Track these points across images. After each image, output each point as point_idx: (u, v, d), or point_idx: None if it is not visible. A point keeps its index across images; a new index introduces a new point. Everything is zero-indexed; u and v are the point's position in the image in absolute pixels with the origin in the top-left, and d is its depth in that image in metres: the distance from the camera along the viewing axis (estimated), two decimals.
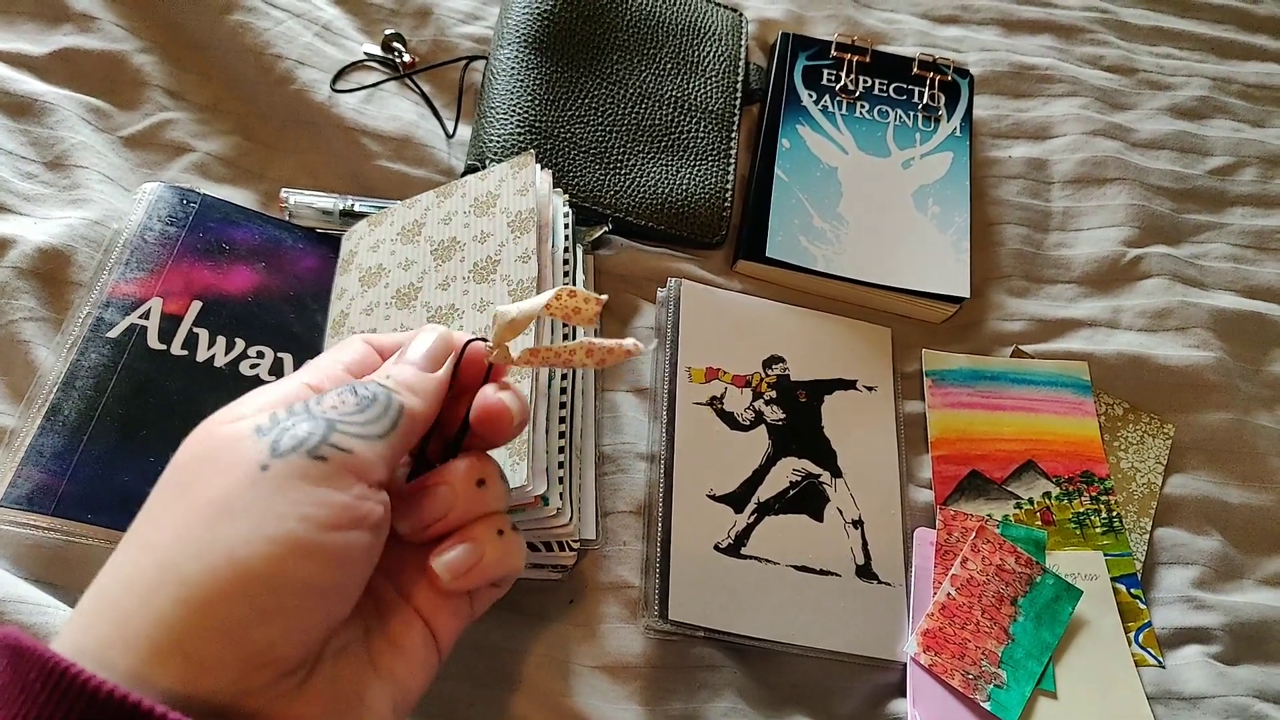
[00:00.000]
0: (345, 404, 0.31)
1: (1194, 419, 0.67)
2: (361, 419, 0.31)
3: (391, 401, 0.32)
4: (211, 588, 0.26)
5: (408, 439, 0.33)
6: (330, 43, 0.68)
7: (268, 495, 0.28)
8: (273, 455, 0.29)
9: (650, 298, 0.64)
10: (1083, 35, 0.86)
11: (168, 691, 0.26)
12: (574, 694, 0.50)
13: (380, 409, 0.32)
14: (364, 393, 0.32)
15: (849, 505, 0.59)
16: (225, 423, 0.31)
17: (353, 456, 0.30)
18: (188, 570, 0.27)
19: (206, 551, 0.27)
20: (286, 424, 0.30)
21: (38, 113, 0.59)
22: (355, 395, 0.32)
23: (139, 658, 0.26)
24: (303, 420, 0.30)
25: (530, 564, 0.52)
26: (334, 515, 0.29)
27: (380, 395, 0.32)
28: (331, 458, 0.29)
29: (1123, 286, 0.72)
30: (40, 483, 0.46)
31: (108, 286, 0.53)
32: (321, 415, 0.30)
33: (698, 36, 0.73)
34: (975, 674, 0.54)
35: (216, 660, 0.26)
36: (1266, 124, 0.85)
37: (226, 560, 0.27)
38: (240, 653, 0.27)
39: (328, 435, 0.30)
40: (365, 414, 0.31)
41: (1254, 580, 0.63)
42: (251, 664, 0.27)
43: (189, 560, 0.27)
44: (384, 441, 0.31)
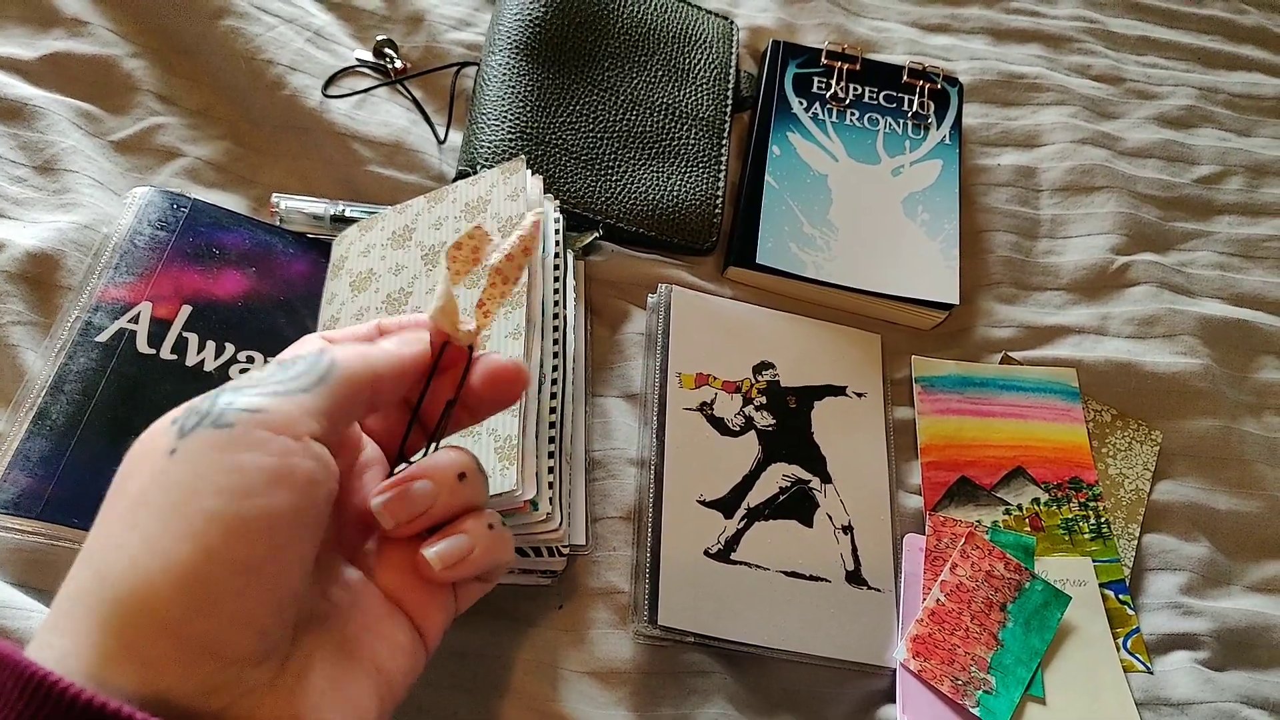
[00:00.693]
0: (264, 371, 0.30)
1: (1181, 426, 0.67)
2: (278, 378, 0.30)
3: (320, 359, 0.31)
4: (142, 585, 0.26)
5: (346, 394, 0.31)
6: (322, 48, 0.68)
7: (178, 478, 0.27)
8: (179, 437, 0.28)
9: (641, 304, 0.64)
10: (1071, 45, 0.87)
11: (132, 694, 0.26)
12: (563, 700, 0.50)
13: (304, 366, 0.31)
14: (286, 357, 0.31)
15: (839, 511, 0.59)
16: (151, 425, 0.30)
17: (264, 414, 0.28)
18: (117, 571, 0.26)
19: (129, 549, 0.26)
20: (197, 404, 0.29)
21: (28, 117, 0.59)
22: (277, 362, 0.31)
23: (93, 663, 0.26)
24: (208, 397, 0.29)
25: (519, 569, 0.52)
26: (249, 480, 0.27)
27: (309, 354, 0.31)
28: (238, 420, 0.28)
29: (1111, 294, 0.72)
30: (27, 487, 0.46)
31: (97, 291, 0.53)
32: (232, 386, 0.29)
33: (689, 44, 0.74)
34: (964, 680, 0.54)
35: (167, 659, 0.26)
36: (1252, 133, 0.85)
37: (148, 553, 0.26)
38: (188, 648, 0.26)
39: (234, 400, 0.28)
40: (284, 373, 0.30)
41: (1241, 586, 0.63)
42: (203, 658, 0.26)
43: (116, 562, 0.26)
44: (308, 394, 0.30)
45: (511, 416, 0.47)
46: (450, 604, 0.37)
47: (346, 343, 0.34)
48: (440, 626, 0.36)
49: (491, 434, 0.46)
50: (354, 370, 0.32)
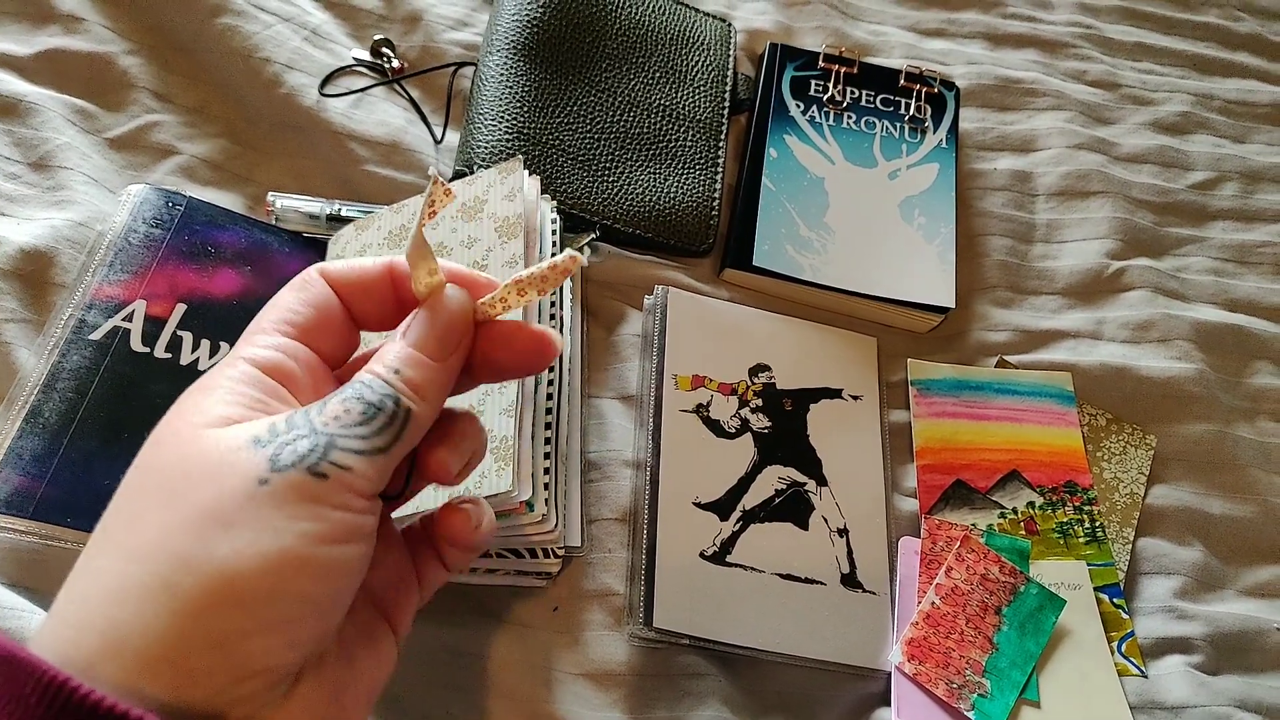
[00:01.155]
0: (349, 414, 0.30)
1: (1176, 430, 0.67)
2: (365, 431, 0.30)
3: (399, 411, 0.31)
4: (205, 601, 0.26)
5: (411, 444, 0.32)
6: (319, 47, 0.68)
7: (265, 509, 0.27)
8: (272, 469, 0.28)
9: (637, 305, 0.64)
10: (1067, 50, 0.87)
11: (156, 702, 0.25)
12: (557, 701, 0.50)
13: (385, 419, 0.31)
14: (370, 399, 0.31)
15: (834, 514, 0.59)
16: (207, 425, 0.29)
17: (351, 474, 0.29)
18: (180, 583, 0.26)
19: (200, 564, 0.26)
20: (287, 438, 0.29)
21: (22, 113, 0.59)
22: (360, 403, 0.30)
23: (127, 670, 0.25)
24: (303, 434, 0.29)
25: (515, 570, 0.51)
26: (331, 530, 0.28)
27: (388, 404, 0.31)
28: (331, 475, 0.29)
29: (1106, 298, 0.72)
30: (19, 485, 0.46)
31: (91, 288, 0.52)
32: (323, 429, 0.29)
33: (686, 46, 0.74)
34: (959, 683, 0.54)
35: (207, 672, 0.26)
36: (1247, 140, 0.86)
37: (220, 574, 0.26)
38: (232, 664, 0.26)
39: (328, 452, 0.29)
40: (369, 426, 0.30)
41: (1235, 591, 0.63)
42: (242, 675, 0.27)
43: (181, 572, 0.26)
44: (385, 455, 0.30)
45: (507, 417, 0.46)
46: (416, 596, 0.37)
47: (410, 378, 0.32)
48: (409, 622, 0.36)
49: (487, 434, 0.46)
50: (422, 421, 0.32)
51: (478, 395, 0.48)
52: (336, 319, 0.34)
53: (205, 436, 0.29)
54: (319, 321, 0.34)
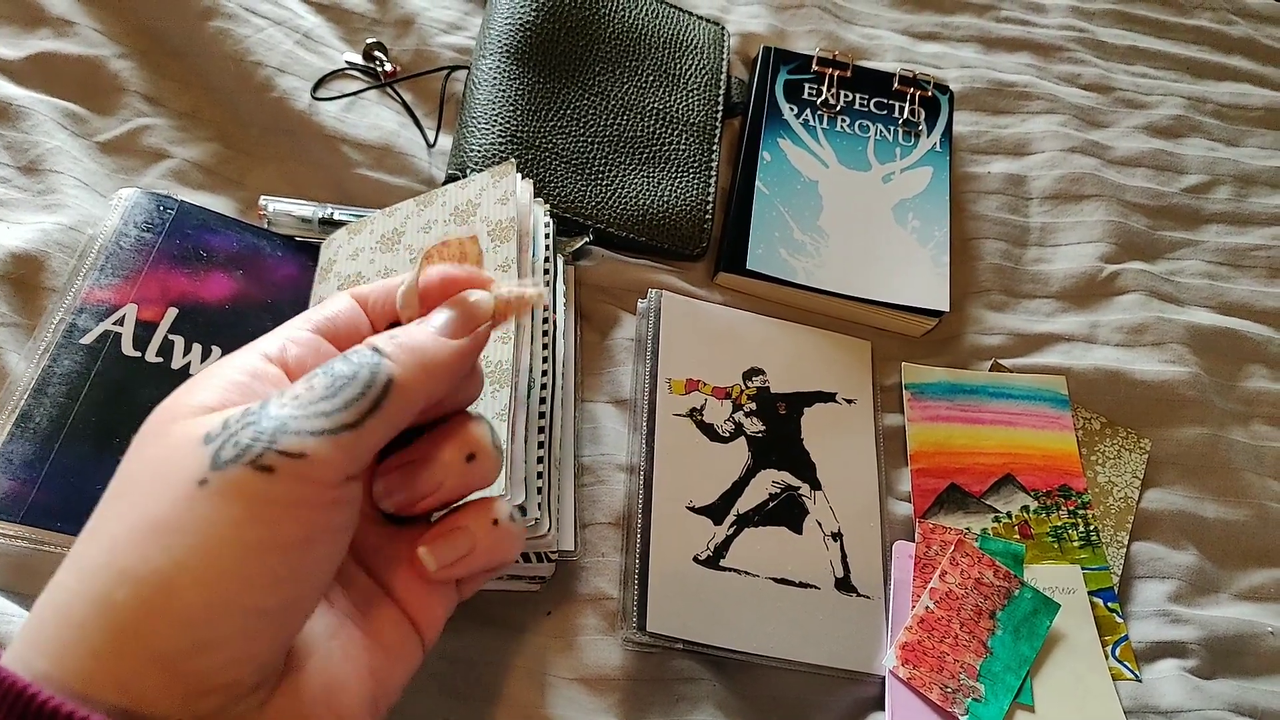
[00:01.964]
0: (311, 390, 0.27)
1: (1170, 434, 0.67)
2: (328, 407, 0.27)
3: (376, 375, 0.28)
4: (142, 617, 0.24)
5: (397, 419, 0.28)
6: (311, 51, 0.67)
7: (204, 513, 0.25)
8: (212, 468, 0.25)
9: (631, 309, 0.64)
10: (1060, 54, 0.87)
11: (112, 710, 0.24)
12: (551, 706, 0.49)
13: (357, 390, 0.27)
14: (341, 370, 0.27)
15: (828, 518, 0.59)
16: (182, 416, 0.27)
17: (306, 461, 0.26)
18: (117, 597, 0.24)
19: (136, 576, 0.24)
20: (235, 428, 0.26)
21: (13, 117, 0.58)
22: (329, 376, 0.27)
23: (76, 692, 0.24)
24: (251, 423, 0.26)
25: (508, 575, 0.51)
26: (280, 534, 0.25)
27: (363, 370, 0.27)
28: (279, 467, 0.25)
29: (1100, 302, 0.73)
30: (10, 490, 0.46)
31: (82, 292, 0.52)
32: (275, 414, 0.26)
33: (680, 49, 0.74)
34: (953, 687, 0.53)
35: (157, 692, 0.24)
36: (1240, 143, 0.86)
37: (157, 585, 0.24)
38: (182, 684, 0.24)
39: (275, 439, 0.26)
40: (334, 400, 0.27)
41: (1230, 594, 0.63)
42: (195, 693, 0.25)
43: (118, 586, 0.24)
44: (355, 431, 0.27)
45: (500, 421, 0.46)
46: (452, 595, 0.34)
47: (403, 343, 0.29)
48: (440, 619, 0.34)
49: None
50: (411, 389, 0.28)
51: None
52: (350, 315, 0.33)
53: (169, 432, 0.27)
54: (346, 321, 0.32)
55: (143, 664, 0.24)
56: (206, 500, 0.25)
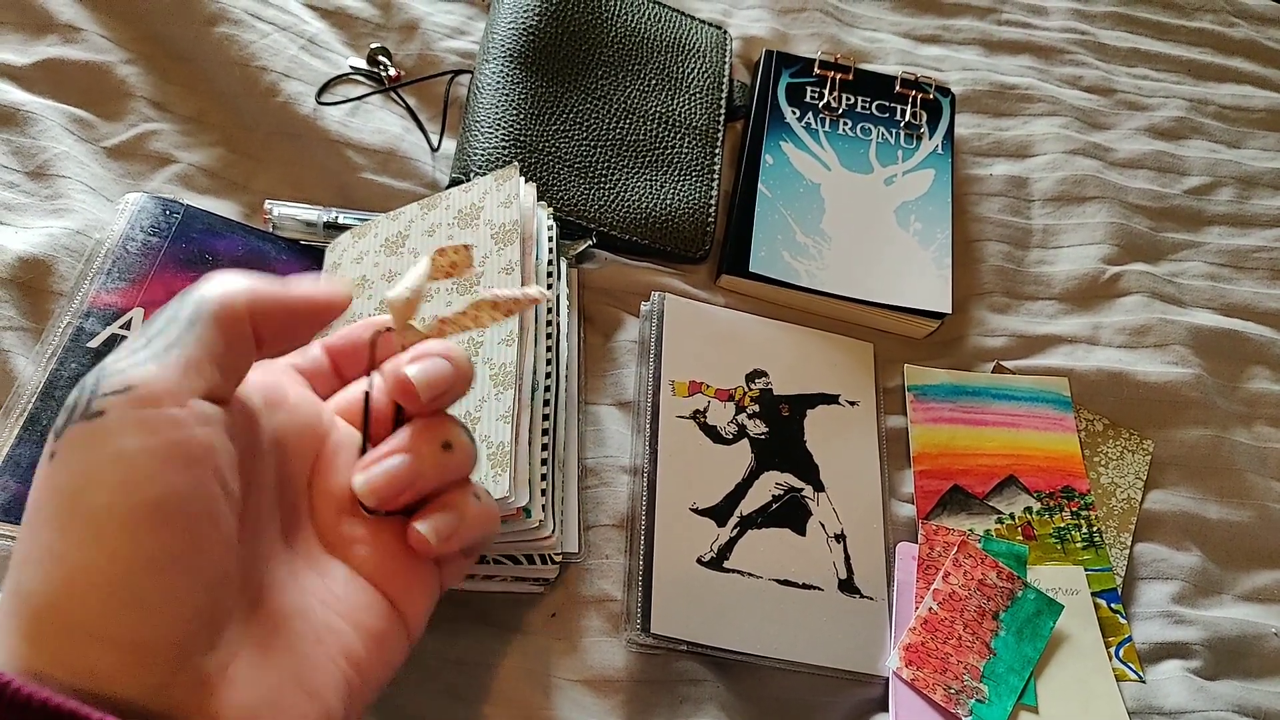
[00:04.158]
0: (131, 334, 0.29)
1: (1173, 435, 0.68)
2: (140, 342, 0.27)
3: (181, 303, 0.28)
4: (57, 596, 0.24)
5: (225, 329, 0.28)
6: (316, 56, 0.68)
7: (60, 481, 0.25)
8: (54, 439, 0.26)
9: (634, 311, 0.64)
10: (1062, 56, 0.87)
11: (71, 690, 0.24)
12: (555, 708, 0.50)
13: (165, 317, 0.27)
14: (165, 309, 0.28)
15: (831, 519, 0.59)
16: None
17: (134, 390, 0.25)
18: (29, 586, 0.25)
19: (36, 561, 0.25)
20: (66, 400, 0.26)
21: (20, 122, 0.59)
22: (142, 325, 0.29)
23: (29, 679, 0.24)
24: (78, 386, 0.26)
25: (512, 577, 0.51)
26: (136, 468, 0.25)
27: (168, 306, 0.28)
28: (108, 406, 0.25)
29: (1102, 303, 0.73)
30: (17, 493, 0.46)
31: (89, 296, 0.52)
32: (97, 367, 0.26)
33: (682, 53, 0.74)
34: (957, 689, 0.54)
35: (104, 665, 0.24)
36: (1242, 145, 0.86)
37: (53, 562, 0.24)
38: (122, 651, 0.24)
39: (96, 385, 0.26)
40: (145, 334, 0.27)
41: (1233, 596, 0.63)
42: (141, 657, 0.25)
43: (30, 576, 0.25)
44: (178, 349, 0.27)
45: (504, 423, 0.46)
46: (435, 583, 0.35)
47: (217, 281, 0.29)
48: (425, 608, 0.34)
49: (484, 440, 0.46)
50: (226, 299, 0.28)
51: (474, 401, 0.48)
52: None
53: None
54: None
55: (81, 642, 0.24)
56: (56, 470, 0.25)
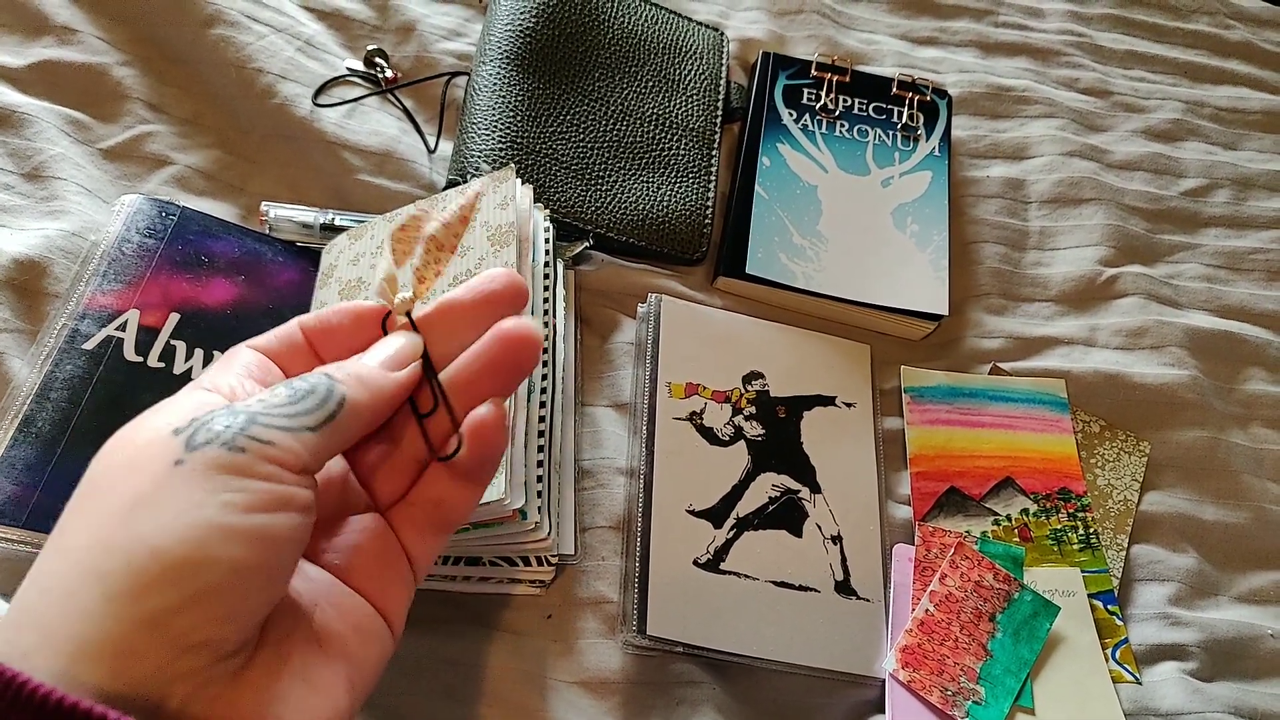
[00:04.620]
0: (275, 396, 0.31)
1: (1169, 436, 0.68)
2: (290, 410, 0.30)
3: (332, 393, 0.32)
4: (132, 581, 0.26)
5: (348, 433, 0.32)
6: (312, 58, 0.68)
7: (182, 486, 0.28)
8: (187, 450, 0.28)
9: (631, 313, 0.64)
10: (1058, 58, 0.87)
11: (93, 688, 0.25)
12: (552, 709, 0.49)
13: (317, 401, 0.31)
14: (300, 385, 0.31)
15: (828, 521, 0.59)
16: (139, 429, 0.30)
17: (273, 447, 0.29)
18: (106, 567, 0.26)
19: (124, 546, 0.27)
20: (203, 421, 0.29)
21: (16, 124, 0.59)
22: (290, 389, 0.31)
23: (65, 659, 0.26)
24: (221, 415, 0.29)
25: (508, 579, 0.51)
26: (254, 499, 0.28)
27: (320, 387, 0.31)
28: (249, 448, 0.29)
29: (1099, 305, 0.73)
30: (12, 494, 0.46)
31: (84, 298, 0.52)
32: (243, 409, 0.30)
33: (679, 55, 0.74)
34: (954, 690, 0.54)
35: (143, 651, 0.26)
36: (1238, 147, 0.86)
37: (145, 550, 0.26)
38: (167, 641, 0.26)
39: (246, 427, 0.29)
40: (296, 406, 0.31)
41: (1229, 597, 0.63)
42: (178, 650, 0.27)
43: (106, 557, 0.27)
44: (314, 434, 0.30)
45: None
46: (410, 581, 0.37)
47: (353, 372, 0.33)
48: (403, 604, 0.36)
49: None
50: (360, 409, 0.32)
51: None
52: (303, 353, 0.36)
53: (130, 437, 0.30)
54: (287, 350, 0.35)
55: (133, 624, 0.26)
56: (183, 475, 0.28)
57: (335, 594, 0.34)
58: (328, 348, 0.37)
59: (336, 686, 0.31)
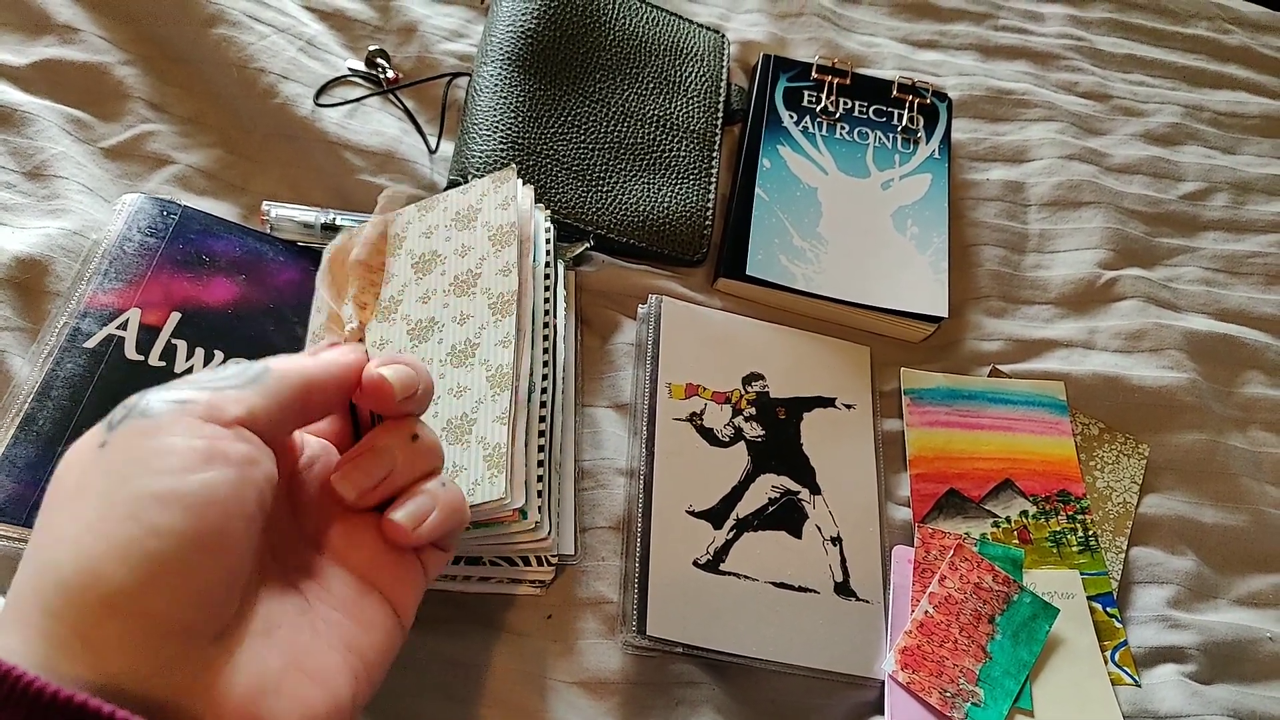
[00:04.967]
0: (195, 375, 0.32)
1: (1168, 439, 0.68)
2: (207, 377, 0.31)
3: (252, 365, 0.32)
4: (87, 569, 0.26)
5: (280, 395, 0.32)
6: (314, 58, 0.68)
7: (110, 465, 0.28)
8: (108, 431, 0.29)
9: (631, 314, 0.64)
10: (1058, 62, 0.88)
11: (79, 680, 0.26)
12: (551, 710, 0.49)
13: (237, 370, 0.32)
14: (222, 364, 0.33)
15: (828, 522, 0.59)
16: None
17: (191, 404, 0.29)
18: (58, 558, 0.27)
19: (70, 538, 0.27)
20: (125, 401, 0.30)
21: (18, 123, 0.59)
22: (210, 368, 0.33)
23: (44, 654, 0.26)
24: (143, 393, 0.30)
25: (508, 579, 0.51)
26: (182, 460, 0.28)
27: (241, 362, 0.33)
28: (166, 410, 0.29)
29: (1098, 308, 0.73)
30: (13, 493, 0.46)
31: (85, 297, 0.52)
32: (162, 386, 0.30)
33: (680, 57, 0.74)
34: (953, 692, 0.54)
35: (118, 640, 0.26)
36: (1237, 151, 0.86)
37: (91, 537, 0.27)
38: (139, 626, 0.26)
39: (163, 394, 0.29)
40: (215, 374, 0.31)
41: (1228, 600, 0.63)
42: (154, 635, 0.27)
43: (57, 549, 0.27)
44: (240, 390, 0.31)
45: (500, 425, 0.46)
46: (420, 576, 0.37)
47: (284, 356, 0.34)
48: (414, 599, 0.37)
49: (480, 442, 0.46)
50: (287, 373, 0.33)
51: (471, 403, 0.48)
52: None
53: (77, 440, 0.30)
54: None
55: (97, 612, 0.26)
56: (107, 455, 0.28)
57: (345, 589, 0.34)
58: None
59: (337, 677, 0.31)
